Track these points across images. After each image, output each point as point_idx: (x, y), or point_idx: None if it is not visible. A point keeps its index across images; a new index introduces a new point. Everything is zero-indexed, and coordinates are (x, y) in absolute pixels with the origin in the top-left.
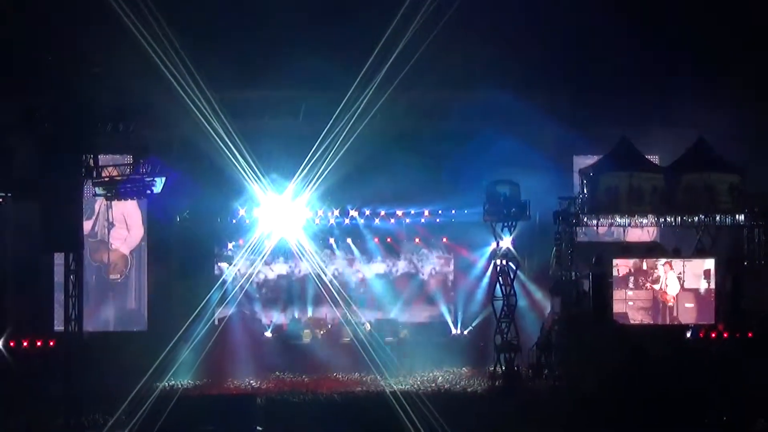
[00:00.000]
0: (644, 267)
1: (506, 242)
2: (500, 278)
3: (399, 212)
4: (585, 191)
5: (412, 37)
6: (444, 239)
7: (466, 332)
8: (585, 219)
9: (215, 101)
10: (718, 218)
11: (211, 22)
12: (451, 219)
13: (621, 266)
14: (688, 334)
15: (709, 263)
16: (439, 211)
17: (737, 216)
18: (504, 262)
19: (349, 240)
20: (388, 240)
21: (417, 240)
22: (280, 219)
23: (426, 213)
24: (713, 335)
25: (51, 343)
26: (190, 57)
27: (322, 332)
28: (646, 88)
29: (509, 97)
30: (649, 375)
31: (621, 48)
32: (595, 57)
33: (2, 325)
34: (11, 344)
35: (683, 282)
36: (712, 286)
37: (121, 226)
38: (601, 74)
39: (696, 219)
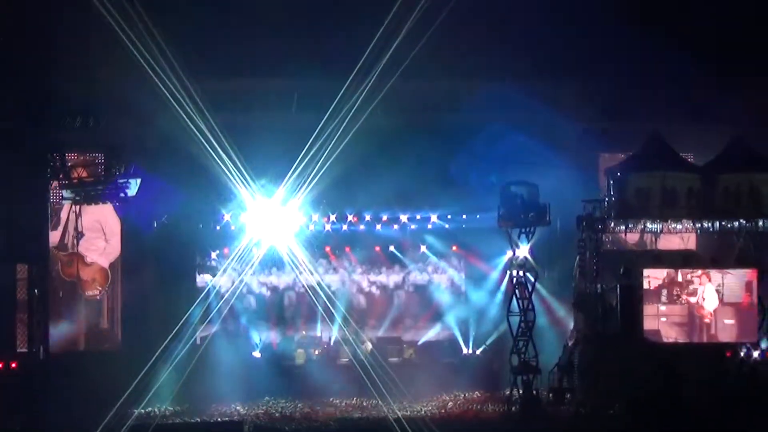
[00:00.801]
0: (679, 278)
1: (523, 251)
2: (517, 291)
3: (403, 217)
4: (612, 193)
5: (418, 21)
6: (454, 247)
7: (478, 352)
8: (612, 224)
9: (196, 92)
10: (761, 223)
11: (191, 3)
12: (462, 224)
13: (652, 278)
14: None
15: (751, 274)
16: (448, 216)
17: None
18: (521, 273)
19: (347, 248)
20: (391, 248)
21: (423, 248)
22: (270, 225)
23: (433, 218)
24: (756, 354)
25: (13, 365)
26: (167, 43)
27: (317, 352)
28: (681, 78)
29: (526, 88)
30: (684, 399)
31: (652, 34)
32: (623, 43)
33: None
34: None
35: (722, 295)
36: (755, 299)
37: (97, 236)
38: (631, 62)
39: (736, 224)
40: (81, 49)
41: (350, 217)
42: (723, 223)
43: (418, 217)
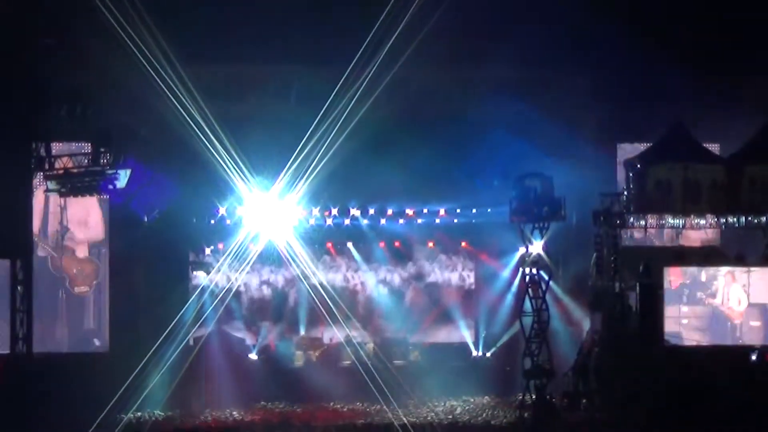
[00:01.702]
0: (702, 278)
1: (537, 247)
2: (530, 290)
3: (409, 211)
4: (631, 186)
5: (426, 5)
6: (463, 244)
7: (489, 354)
8: (631, 219)
9: (191, 79)
10: None
11: None
12: (472, 219)
13: (674, 276)
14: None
15: None
16: (458, 210)
17: None
18: (534, 270)
19: (349, 244)
20: (397, 244)
21: (431, 244)
22: (268, 219)
23: (441, 212)
24: None
25: None
26: (159, 26)
27: (317, 354)
28: (705, 62)
29: (540, 74)
30: (708, 406)
31: (675, 13)
32: (643, 24)
33: None
34: None
35: (748, 296)
36: None
37: (85, 228)
38: (651, 45)
39: (764, 219)
40: (69, 32)
41: (353, 211)
42: (749, 217)
43: (425, 211)
